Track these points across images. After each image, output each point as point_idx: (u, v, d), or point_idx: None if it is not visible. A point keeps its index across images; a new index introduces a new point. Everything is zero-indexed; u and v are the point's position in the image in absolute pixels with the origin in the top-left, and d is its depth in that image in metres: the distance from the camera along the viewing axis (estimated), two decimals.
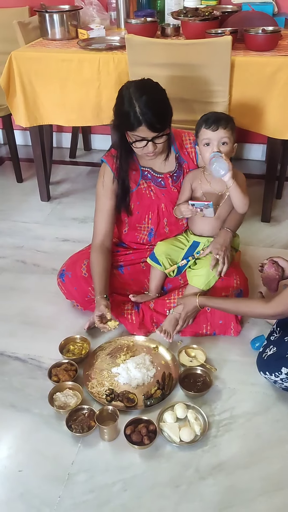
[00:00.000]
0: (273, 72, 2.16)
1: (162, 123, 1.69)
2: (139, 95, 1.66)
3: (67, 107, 2.48)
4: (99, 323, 1.76)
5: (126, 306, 1.95)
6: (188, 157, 1.93)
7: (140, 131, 1.69)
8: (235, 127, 1.81)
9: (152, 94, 1.69)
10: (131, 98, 1.66)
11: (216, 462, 1.48)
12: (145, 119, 1.65)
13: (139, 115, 1.65)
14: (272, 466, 1.47)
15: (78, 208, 2.80)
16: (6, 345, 1.91)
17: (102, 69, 2.33)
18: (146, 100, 1.65)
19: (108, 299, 1.80)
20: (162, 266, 1.93)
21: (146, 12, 2.63)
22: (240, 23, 2.39)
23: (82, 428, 1.53)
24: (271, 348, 1.62)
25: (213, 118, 1.76)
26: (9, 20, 2.63)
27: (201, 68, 2.16)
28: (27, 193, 3.00)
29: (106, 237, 1.94)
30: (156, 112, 1.66)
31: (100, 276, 1.85)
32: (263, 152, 3.22)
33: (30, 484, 1.44)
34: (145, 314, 1.93)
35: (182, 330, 1.88)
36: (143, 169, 1.92)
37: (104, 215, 1.93)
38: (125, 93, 1.69)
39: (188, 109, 2.28)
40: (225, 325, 1.87)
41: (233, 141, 1.79)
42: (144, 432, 1.50)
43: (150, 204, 1.95)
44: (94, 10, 2.79)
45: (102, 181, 1.91)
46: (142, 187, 1.93)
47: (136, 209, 1.96)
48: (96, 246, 1.92)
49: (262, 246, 2.43)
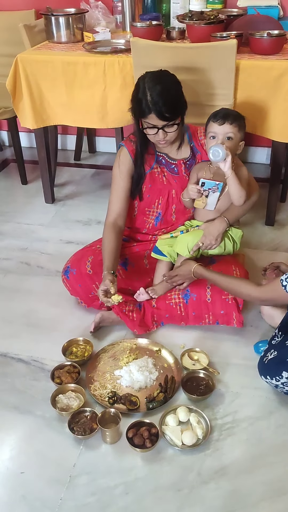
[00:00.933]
0: (278, 75, 2.15)
1: (171, 113, 1.75)
2: (153, 84, 1.75)
3: (73, 109, 2.49)
4: (103, 297, 1.77)
5: (128, 304, 1.95)
6: (202, 148, 1.97)
7: (151, 119, 1.76)
8: (245, 126, 1.83)
9: (165, 84, 1.76)
10: (144, 87, 1.75)
11: (218, 466, 1.47)
12: (155, 107, 1.73)
13: (149, 103, 1.73)
14: (274, 471, 1.46)
15: (82, 211, 2.81)
16: (9, 346, 1.91)
17: (107, 72, 2.34)
18: (158, 89, 1.73)
19: (115, 275, 1.83)
20: (167, 256, 1.96)
21: (151, 16, 2.63)
22: (246, 27, 2.40)
23: (84, 431, 1.53)
24: (272, 352, 1.62)
25: (223, 113, 1.80)
26: (15, 23, 2.64)
27: (206, 72, 2.17)
28: (32, 195, 3.01)
29: (119, 216, 1.98)
30: (167, 101, 1.73)
31: (109, 253, 1.88)
32: (267, 155, 3.22)
33: (32, 486, 1.44)
34: (146, 312, 1.94)
35: (185, 319, 1.91)
36: (159, 154, 1.97)
37: (119, 195, 1.97)
38: (140, 82, 1.79)
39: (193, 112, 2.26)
40: (227, 315, 1.87)
41: (239, 138, 1.82)
42: (146, 435, 1.50)
43: (161, 189, 2.00)
44: (99, 13, 2.80)
45: (118, 163, 1.97)
46: (155, 171, 1.98)
47: (147, 192, 2.00)
48: (109, 224, 1.96)
49: (266, 249, 2.43)
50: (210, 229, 1.88)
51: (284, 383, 1.55)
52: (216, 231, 1.87)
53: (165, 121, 1.76)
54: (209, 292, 1.87)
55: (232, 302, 1.85)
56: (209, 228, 1.88)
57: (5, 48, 2.92)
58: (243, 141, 1.85)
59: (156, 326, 1.94)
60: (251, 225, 2.57)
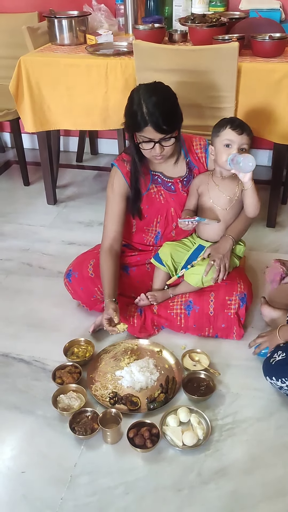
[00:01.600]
0: (279, 78, 2.16)
1: (168, 125, 1.69)
2: (148, 96, 1.68)
3: (74, 111, 2.50)
4: (108, 325, 1.76)
5: (129, 309, 1.96)
6: (199, 162, 1.94)
7: (147, 132, 1.69)
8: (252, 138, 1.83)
9: (161, 95, 1.70)
10: (140, 99, 1.69)
11: (218, 467, 1.48)
12: (152, 119, 1.66)
13: (145, 115, 1.66)
14: (274, 472, 1.46)
15: (84, 212, 2.82)
16: (11, 346, 1.92)
17: (109, 74, 2.35)
18: (154, 101, 1.66)
19: (116, 303, 1.81)
20: (166, 267, 1.94)
21: (153, 18, 2.65)
22: (247, 30, 2.41)
23: (85, 431, 1.54)
24: (280, 354, 1.62)
25: (239, 122, 1.79)
26: (18, 25, 2.66)
27: (208, 74, 2.18)
28: (34, 196, 3.02)
29: (115, 240, 1.95)
30: (163, 113, 1.67)
31: (109, 280, 1.85)
32: (269, 157, 3.23)
33: (32, 486, 1.44)
34: (146, 317, 1.94)
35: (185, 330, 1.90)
36: (154, 173, 1.93)
37: (114, 219, 1.94)
38: (135, 94, 1.72)
39: (195, 115, 2.29)
40: (227, 329, 1.87)
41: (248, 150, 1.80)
42: (147, 435, 1.50)
43: (159, 208, 1.96)
44: (102, 16, 2.82)
45: (112, 185, 1.92)
46: (152, 191, 1.94)
47: (145, 213, 1.97)
48: (106, 249, 1.93)
49: (266, 251, 2.44)
50: (217, 250, 1.84)
51: None
52: (223, 250, 1.84)
53: (162, 134, 1.69)
54: (212, 306, 1.86)
55: (234, 317, 1.85)
56: (217, 249, 1.85)
57: (9, 50, 2.94)
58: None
59: (157, 330, 1.94)
60: (252, 227, 2.54)
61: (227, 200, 1.88)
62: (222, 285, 1.87)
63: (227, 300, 1.85)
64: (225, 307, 1.84)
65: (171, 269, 1.95)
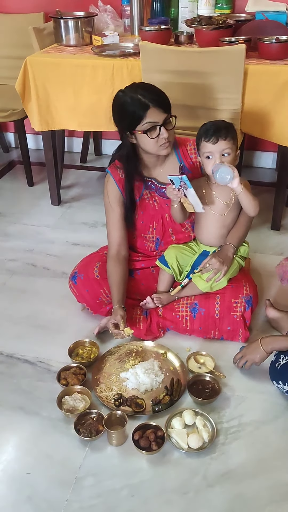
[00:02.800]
0: (286, 81, 2.16)
1: (167, 102, 1.74)
2: (135, 87, 1.74)
3: (80, 112, 2.50)
4: (114, 329, 1.76)
5: (135, 311, 1.96)
6: (193, 166, 1.93)
7: (150, 116, 1.70)
8: (236, 133, 1.79)
9: (144, 84, 1.79)
10: (129, 94, 1.72)
11: (224, 470, 1.47)
12: (151, 100, 1.69)
13: (144, 99, 1.69)
14: (280, 475, 1.46)
15: (88, 213, 2.82)
16: (16, 347, 1.92)
17: (115, 75, 2.35)
18: (142, 86, 1.74)
19: (125, 309, 1.81)
20: (171, 269, 1.93)
21: (160, 20, 2.65)
22: (254, 32, 2.40)
23: (90, 432, 1.53)
24: (284, 358, 1.62)
25: (213, 129, 1.73)
26: (25, 26, 2.66)
27: (214, 76, 2.17)
28: (38, 197, 3.02)
29: (121, 245, 1.94)
30: (158, 92, 1.73)
31: (118, 285, 1.85)
32: (273, 160, 3.23)
33: (37, 487, 1.44)
34: (152, 320, 1.93)
35: (190, 332, 1.90)
36: (147, 179, 1.92)
37: (115, 225, 1.94)
38: (121, 96, 1.75)
39: (200, 116, 2.29)
40: (233, 331, 1.87)
41: (235, 149, 1.77)
42: (152, 437, 1.50)
43: (154, 214, 1.95)
44: (108, 17, 2.82)
45: (107, 193, 1.93)
46: (145, 197, 1.93)
47: (140, 219, 1.96)
48: (113, 255, 1.93)
49: (271, 253, 2.43)
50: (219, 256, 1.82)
51: None
52: (224, 257, 1.83)
53: (165, 113, 1.72)
54: (218, 308, 1.86)
55: (240, 319, 1.84)
56: (218, 255, 1.83)
57: (15, 50, 2.94)
58: (239, 151, 1.81)
59: (162, 332, 1.94)
60: (257, 230, 2.57)
61: (224, 206, 1.86)
62: (228, 288, 1.86)
63: (233, 303, 1.85)
64: (231, 309, 1.84)
65: (176, 272, 1.94)
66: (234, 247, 1.86)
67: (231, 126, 1.77)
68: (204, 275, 1.85)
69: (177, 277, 1.96)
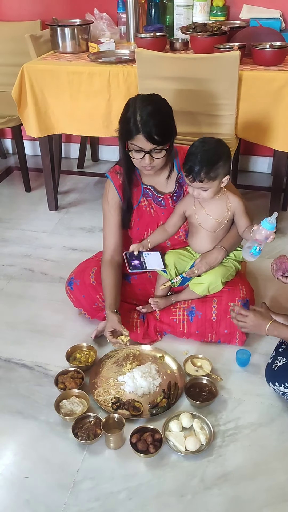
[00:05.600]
0: (280, 86, 2.19)
1: (160, 136, 1.65)
2: (144, 104, 1.66)
3: (77, 118, 2.53)
4: (112, 338, 1.77)
5: (132, 315, 1.97)
6: None
7: (138, 141, 1.66)
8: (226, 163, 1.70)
9: (157, 106, 1.67)
10: (135, 106, 1.66)
11: (221, 472, 1.48)
12: (144, 128, 1.63)
13: (139, 123, 1.64)
14: (277, 477, 1.47)
15: (86, 218, 2.83)
16: (13, 352, 1.92)
17: (112, 81, 2.38)
18: (149, 110, 1.64)
19: (118, 313, 1.82)
20: (168, 274, 1.94)
21: (155, 27, 2.68)
22: (248, 39, 2.44)
23: (88, 436, 1.54)
24: (281, 359, 1.63)
25: (192, 168, 1.67)
26: (22, 34, 2.69)
27: (209, 82, 2.20)
28: (35, 202, 3.03)
29: (115, 251, 1.95)
30: (156, 123, 1.64)
31: (111, 290, 1.86)
32: (269, 164, 3.25)
33: (35, 491, 1.44)
34: (149, 324, 1.95)
35: (187, 336, 1.90)
36: (145, 186, 1.91)
37: (112, 230, 1.95)
38: (131, 102, 1.70)
39: (196, 122, 2.32)
40: (230, 335, 1.88)
41: (216, 184, 1.71)
42: (149, 440, 1.51)
43: (149, 221, 1.96)
44: (104, 24, 2.85)
45: (107, 198, 1.93)
46: (142, 204, 1.94)
47: (136, 226, 1.97)
48: (107, 261, 1.94)
49: (267, 257, 2.44)
50: (207, 259, 1.85)
51: None
52: (213, 260, 1.85)
53: (153, 145, 1.66)
54: (215, 311, 1.87)
55: None
56: (207, 258, 1.85)
57: (12, 58, 2.96)
58: (228, 176, 1.73)
59: (160, 336, 1.95)
60: None
61: (215, 223, 1.84)
62: (225, 291, 1.88)
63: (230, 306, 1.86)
64: (228, 313, 1.85)
65: (173, 277, 1.95)
66: (226, 251, 1.87)
67: (217, 162, 1.67)
68: (201, 278, 1.86)
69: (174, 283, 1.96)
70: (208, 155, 1.66)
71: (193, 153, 1.69)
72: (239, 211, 1.81)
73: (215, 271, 1.87)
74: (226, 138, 2.30)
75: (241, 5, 2.74)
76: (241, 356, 1.81)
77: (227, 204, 1.81)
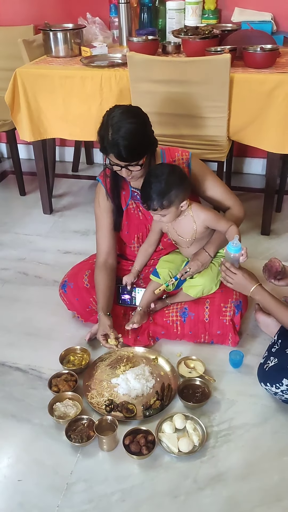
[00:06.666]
0: (271, 88, 2.20)
1: (131, 156, 1.65)
2: (116, 122, 1.64)
3: (70, 122, 2.54)
4: (105, 342, 1.77)
5: (126, 318, 1.97)
6: None
7: (112, 157, 1.68)
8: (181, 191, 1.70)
9: (129, 124, 1.63)
10: (108, 124, 1.65)
11: (214, 473, 1.48)
12: (114, 149, 1.64)
13: (110, 143, 1.64)
14: (270, 477, 1.47)
15: (80, 221, 2.84)
16: (7, 355, 1.93)
17: (104, 85, 2.39)
18: (120, 131, 1.62)
19: (110, 316, 1.83)
20: (162, 280, 1.93)
21: (147, 31, 2.69)
22: (239, 41, 2.45)
23: (82, 438, 1.54)
24: (272, 360, 1.64)
25: (144, 199, 1.70)
26: (14, 38, 2.70)
27: (201, 85, 2.21)
28: (30, 206, 3.04)
29: (109, 254, 1.96)
30: (127, 145, 1.62)
31: (103, 293, 1.87)
32: (263, 166, 3.26)
33: (29, 494, 1.44)
34: (142, 329, 1.94)
35: (181, 337, 1.91)
36: (133, 189, 1.92)
37: (105, 233, 1.95)
38: (106, 117, 1.69)
39: (188, 124, 2.33)
40: (223, 335, 1.89)
41: (173, 210, 1.72)
42: (142, 442, 1.51)
43: (138, 224, 1.97)
44: (97, 28, 2.87)
45: (98, 201, 1.94)
46: (131, 207, 1.95)
47: (125, 229, 1.98)
48: (100, 264, 1.94)
49: (261, 258, 2.45)
50: (199, 258, 1.87)
51: (283, 390, 1.57)
52: (203, 260, 1.86)
53: (125, 162, 1.67)
54: (207, 312, 1.88)
55: (230, 324, 1.86)
56: (199, 257, 1.87)
57: (5, 62, 2.97)
58: (185, 201, 1.74)
59: (152, 341, 1.94)
60: (247, 235, 2.61)
61: (187, 241, 1.87)
62: (218, 292, 1.88)
63: (222, 307, 1.87)
64: (220, 314, 1.86)
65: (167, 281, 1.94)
66: (210, 255, 1.88)
67: (168, 192, 1.67)
68: (195, 280, 1.87)
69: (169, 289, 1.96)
70: (159, 185, 1.67)
71: (146, 182, 1.70)
72: (210, 222, 1.81)
73: (208, 273, 1.87)
74: (218, 140, 2.34)
75: (232, 8, 2.76)
76: (234, 357, 1.81)
77: (193, 221, 1.81)
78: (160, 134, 2.03)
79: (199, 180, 1.88)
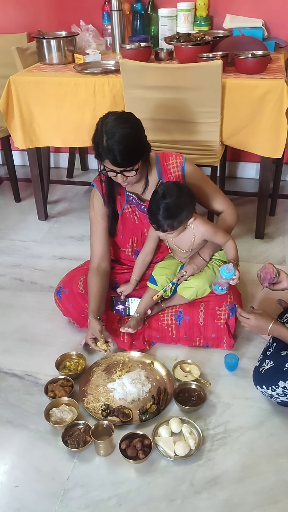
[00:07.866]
0: (262, 94, 2.22)
1: (126, 161, 1.67)
2: (110, 128, 1.65)
3: (63, 129, 2.55)
4: (95, 345, 1.78)
5: (120, 323, 1.98)
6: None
7: (107, 163, 1.70)
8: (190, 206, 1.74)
9: (123, 129, 1.65)
10: (102, 130, 1.67)
11: (210, 476, 1.49)
12: (109, 155, 1.65)
13: (105, 149, 1.65)
14: (266, 480, 1.48)
15: (75, 227, 2.85)
16: (3, 361, 1.93)
17: (97, 92, 2.41)
18: (114, 137, 1.63)
19: (101, 320, 1.83)
20: (159, 286, 1.94)
21: (140, 38, 2.72)
22: (231, 48, 2.48)
23: (78, 443, 1.54)
24: (268, 363, 1.65)
25: (154, 221, 1.71)
26: (8, 46, 2.72)
27: (193, 91, 2.23)
28: (25, 212, 3.05)
29: (102, 259, 1.97)
30: (122, 150, 1.63)
31: (95, 297, 1.87)
32: (257, 170, 3.28)
33: (26, 500, 1.44)
34: (137, 333, 1.94)
35: (176, 340, 1.92)
36: (128, 194, 1.93)
37: (99, 238, 1.96)
38: (100, 124, 1.70)
39: (182, 130, 2.35)
40: (217, 339, 1.89)
41: (181, 228, 1.76)
42: (139, 446, 1.51)
43: (133, 229, 1.98)
44: (90, 36, 2.89)
45: (93, 206, 1.95)
46: (126, 211, 1.96)
47: (121, 233, 1.99)
48: (93, 268, 1.95)
49: (255, 262, 2.47)
50: (195, 261, 1.88)
51: (279, 393, 1.58)
52: (199, 263, 1.88)
53: (120, 168, 1.69)
54: (202, 316, 1.88)
55: (224, 327, 1.87)
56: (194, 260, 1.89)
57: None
58: (192, 218, 1.77)
59: (148, 346, 1.95)
60: (240, 238, 2.62)
61: (183, 252, 1.89)
62: (212, 295, 1.89)
63: (217, 311, 1.88)
64: (214, 317, 1.87)
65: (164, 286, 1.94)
66: (206, 261, 1.90)
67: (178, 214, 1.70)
68: (189, 282, 1.88)
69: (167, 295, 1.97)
70: (170, 209, 1.68)
71: (155, 204, 1.69)
72: (208, 236, 1.84)
73: (202, 275, 1.89)
74: (211, 145, 2.36)
75: (224, 15, 2.79)
76: (230, 361, 1.82)
77: (192, 234, 1.83)
78: (153, 140, 2.05)
79: (193, 184, 1.90)
